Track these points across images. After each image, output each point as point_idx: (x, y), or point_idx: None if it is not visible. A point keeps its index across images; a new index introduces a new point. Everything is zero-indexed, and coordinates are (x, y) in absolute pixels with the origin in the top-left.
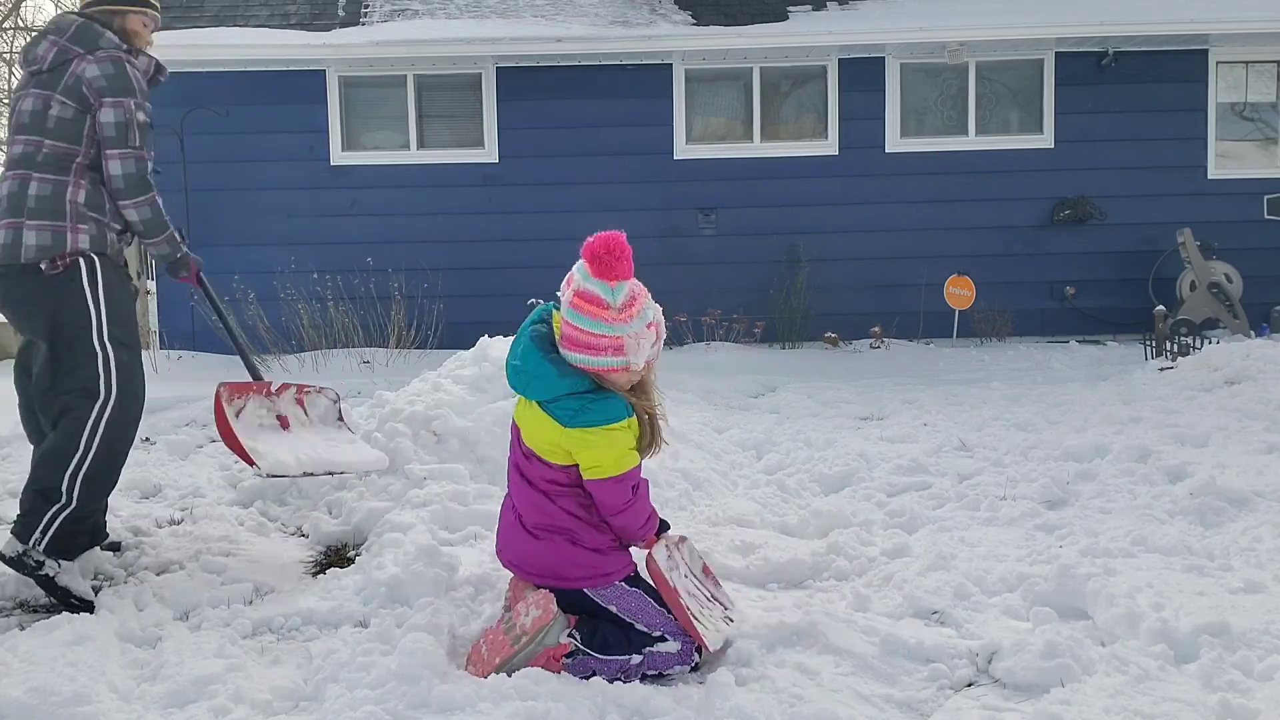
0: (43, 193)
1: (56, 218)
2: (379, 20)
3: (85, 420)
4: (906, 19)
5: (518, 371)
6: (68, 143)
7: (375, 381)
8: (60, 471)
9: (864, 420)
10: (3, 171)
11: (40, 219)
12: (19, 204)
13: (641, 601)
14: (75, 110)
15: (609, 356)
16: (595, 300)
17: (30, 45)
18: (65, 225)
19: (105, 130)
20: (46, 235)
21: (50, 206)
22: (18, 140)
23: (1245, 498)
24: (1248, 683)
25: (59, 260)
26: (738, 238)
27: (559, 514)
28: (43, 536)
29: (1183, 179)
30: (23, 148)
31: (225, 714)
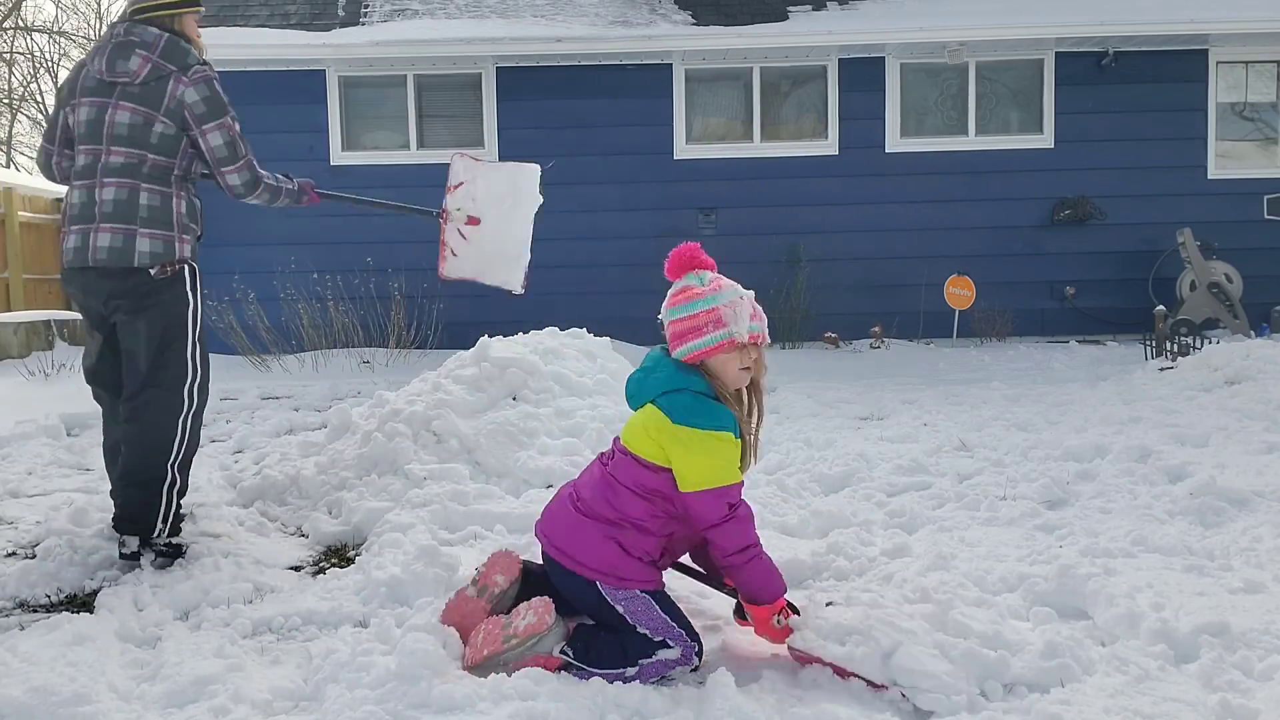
0: (153, 203)
1: (166, 228)
2: (379, 20)
3: (181, 408)
4: (906, 19)
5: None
6: (168, 157)
7: (375, 381)
8: (165, 458)
9: (864, 420)
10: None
11: (153, 228)
12: (129, 212)
13: (649, 609)
14: (176, 129)
15: (711, 333)
16: (684, 289)
17: (113, 57)
18: (174, 235)
19: (217, 153)
20: (159, 243)
21: (161, 217)
22: (116, 152)
23: (1245, 498)
24: (1248, 683)
25: (168, 266)
26: (738, 238)
27: (617, 509)
28: (165, 525)
29: (1183, 179)
30: (124, 159)
31: (225, 714)
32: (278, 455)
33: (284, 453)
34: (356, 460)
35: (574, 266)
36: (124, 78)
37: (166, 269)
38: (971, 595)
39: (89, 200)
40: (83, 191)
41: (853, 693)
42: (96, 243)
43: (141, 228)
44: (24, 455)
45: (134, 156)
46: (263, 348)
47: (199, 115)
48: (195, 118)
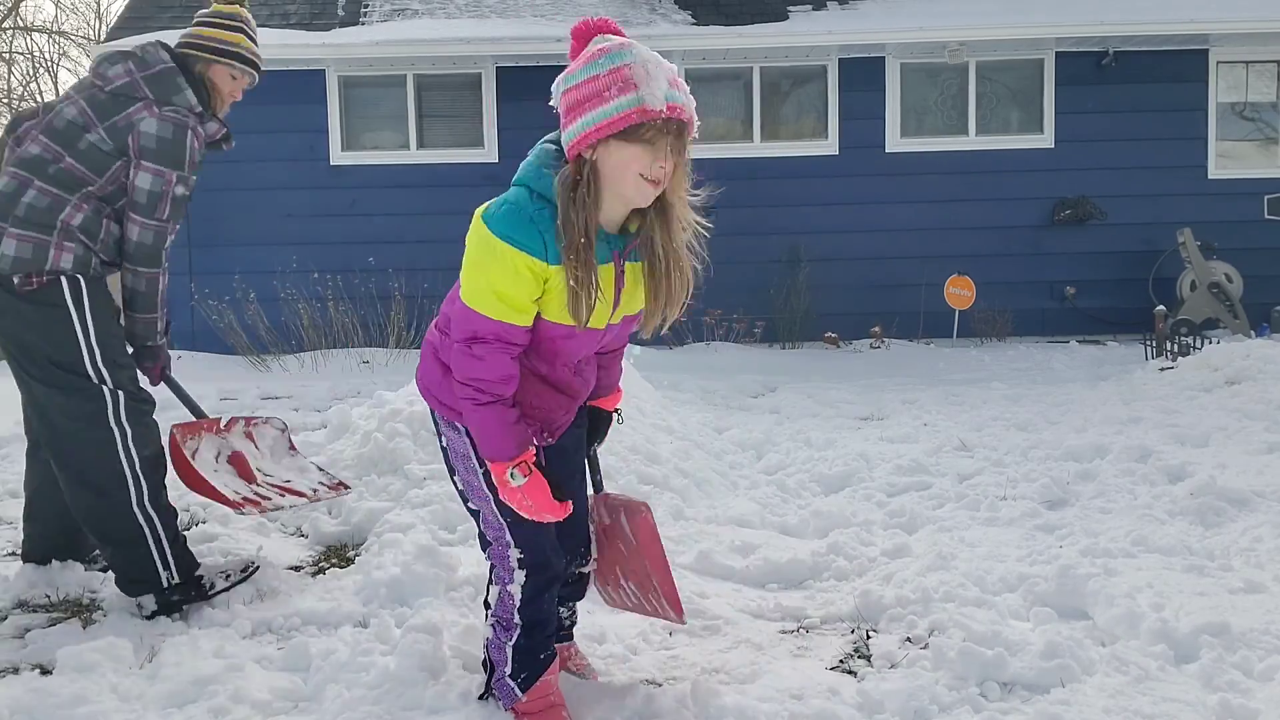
0: (38, 203)
1: (43, 231)
2: (379, 20)
3: (114, 442)
4: (906, 19)
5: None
6: (89, 170)
7: (375, 381)
8: (126, 510)
9: (864, 420)
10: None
11: (24, 229)
12: (6, 207)
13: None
14: (112, 149)
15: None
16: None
17: (107, 59)
18: (49, 240)
19: (137, 195)
20: (28, 247)
21: (40, 219)
22: (39, 140)
23: (1245, 498)
24: (1248, 683)
25: (34, 278)
26: (738, 238)
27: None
28: (171, 571)
29: (1183, 179)
30: (40, 151)
31: (225, 714)
32: None
33: None
34: (356, 460)
35: None
36: (100, 80)
37: (32, 280)
38: (971, 595)
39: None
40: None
41: (853, 693)
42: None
43: (12, 227)
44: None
45: (50, 152)
46: (262, 348)
47: (143, 149)
48: (138, 149)
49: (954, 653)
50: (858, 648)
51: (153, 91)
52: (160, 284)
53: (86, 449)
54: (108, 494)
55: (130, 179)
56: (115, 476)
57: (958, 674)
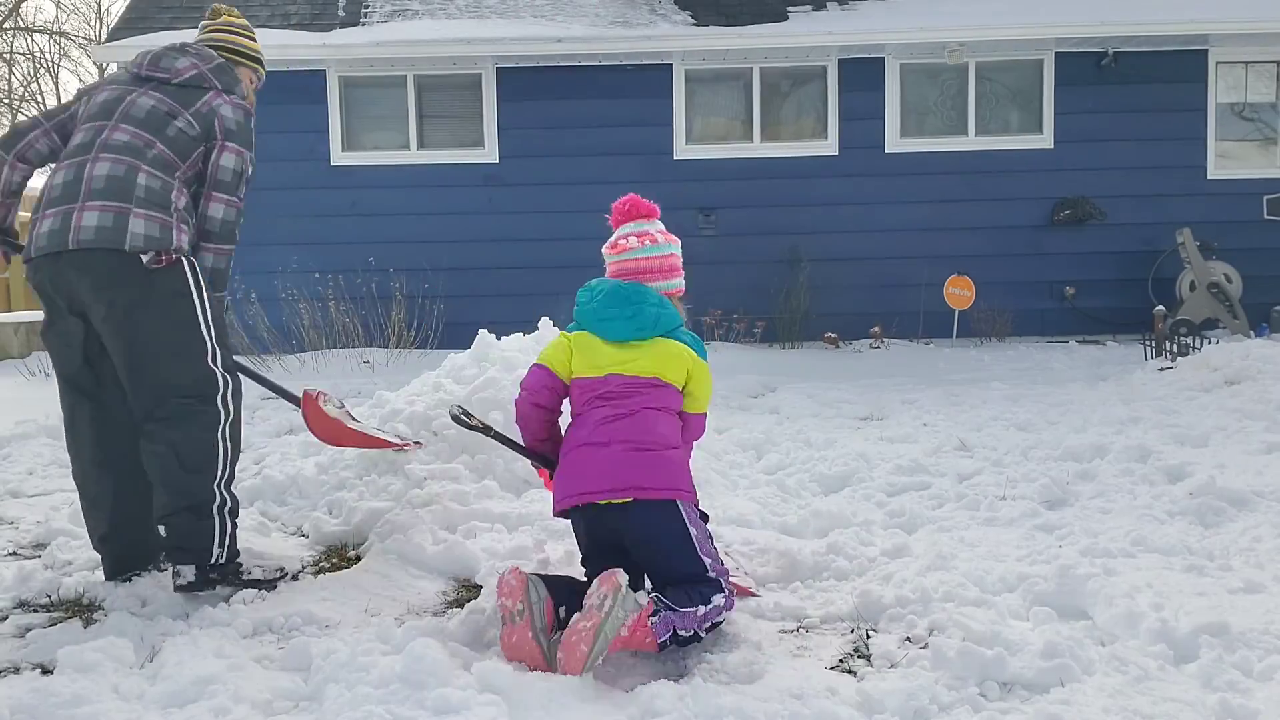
0: (152, 185)
1: (164, 211)
2: (379, 20)
3: (218, 421)
4: (906, 19)
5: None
6: (177, 154)
7: (375, 381)
8: (210, 478)
9: (864, 420)
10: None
11: (149, 209)
12: (124, 190)
13: (707, 536)
14: (199, 134)
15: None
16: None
17: (161, 54)
18: (171, 221)
19: (221, 173)
20: (156, 225)
21: (159, 200)
22: (123, 129)
23: (1245, 498)
24: (1247, 683)
25: (163, 255)
26: (738, 238)
27: (671, 433)
28: (223, 550)
29: (1183, 179)
30: (129, 138)
31: (225, 714)
32: (278, 455)
33: (284, 453)
34: (356, 460)
35: (573, 267)
36: (163, 73)
37: (161, 258)
38: (971, 595)
39: (75, 178)
40: (70, 169)
41: (853, 693)
42: (80, 222)
43: (136, 207)
44: (24, 455)
45: (141, 139)
46: (263, 348)
47: (228, 130)
48: (224, 130)
49: (953, 652)
50: (857, 648)
51: (220, 82)
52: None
53: (192, 425)
54: (200, 470)
55: (214, 160)
56: (210, 455)
57: (957, 674)
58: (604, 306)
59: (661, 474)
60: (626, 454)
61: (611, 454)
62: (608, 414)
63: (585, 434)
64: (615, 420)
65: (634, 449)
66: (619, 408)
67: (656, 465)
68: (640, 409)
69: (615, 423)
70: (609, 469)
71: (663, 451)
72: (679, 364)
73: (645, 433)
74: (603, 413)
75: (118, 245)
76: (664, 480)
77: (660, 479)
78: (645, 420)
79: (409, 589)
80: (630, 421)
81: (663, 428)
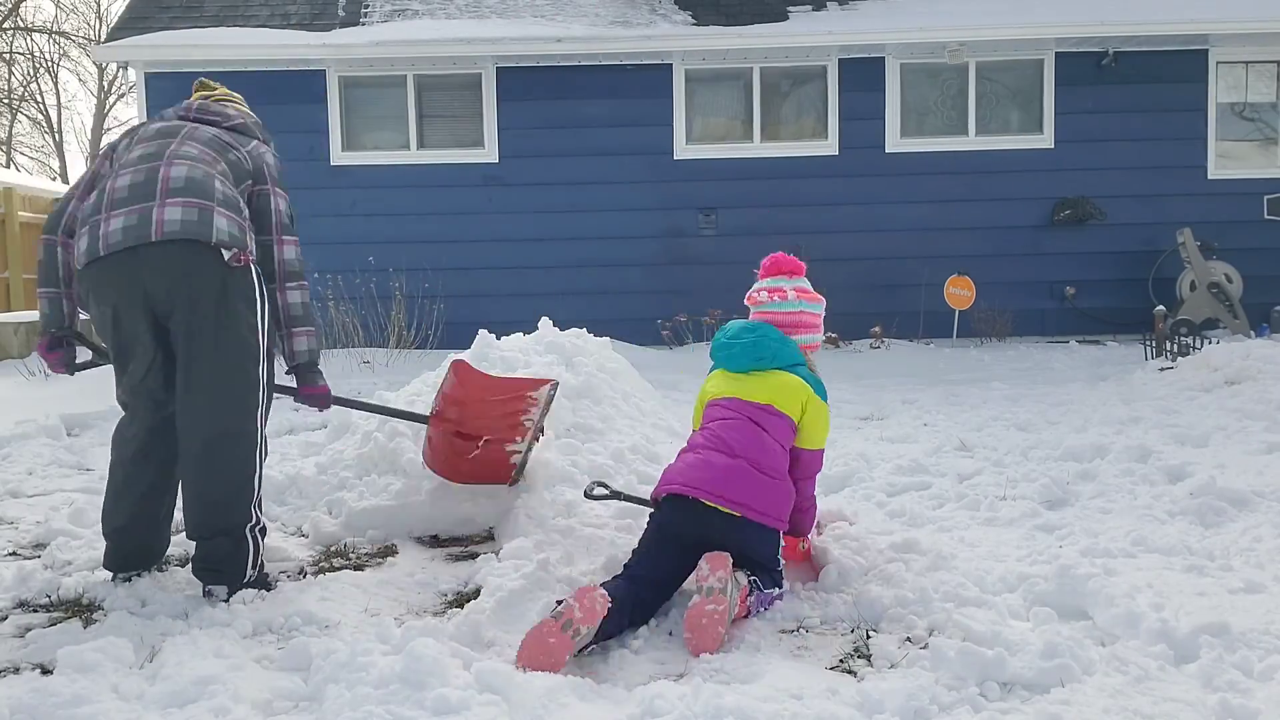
0: (227, 192)
1: (240, 216)
2: (379, 20)
3: (254, 441)
4: (906, 19)
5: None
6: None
7: (375, 381)
8: (248, 499)
9: (864, 420)
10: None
11: (228, 210)
12: (204, 190)
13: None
14: (250, 170)
15: (810, 334)
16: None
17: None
18: (245, 225)
19: (282, 217)
20: (236, 225)
21: (234, 205)
22: (191, 144)
23: (1245, 498)
24: (1248, 683)
25: (243, 255)
26: (738, 238)
27: (784, 465)
28: (255, 570)
29: (1183, 179)
30: (199, 152)
31: (225, 714)
32: (278, 455)
33: (284, 453)
34: (356, 460)
35: (574, 267)
36: (215, 116)
37: (241, 258)
38: (971, 595)
39: (148, 180)
40: (137, 174)
41: (853, 693)
42: (163, 216)
43: (219, 206)
44: (24, 455)
45: (208, 155)
46: None
47: (275, 177)
48: (272, 177)
49: (953, 653)
50: (857, 648)
51: (260, 134)
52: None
53: (236, 442)
54: (238, 488)
55: (271, 205)
56: (248, 473)
57: (957, 674)
58: (729, 340)
59: (773, 502)
60: (741, 471)
61: (736, 467)
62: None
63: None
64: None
65: (751, 469)
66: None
67: (770, 493)
68: (763, 431)
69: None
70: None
71: (778, 479)
72: (794, 395)
73: (763, 455)
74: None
75: (204, 237)
76: (772, 508)
77: (769, 505)
78: (762, 444)
79: (409, 589)
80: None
81: (777, 456)
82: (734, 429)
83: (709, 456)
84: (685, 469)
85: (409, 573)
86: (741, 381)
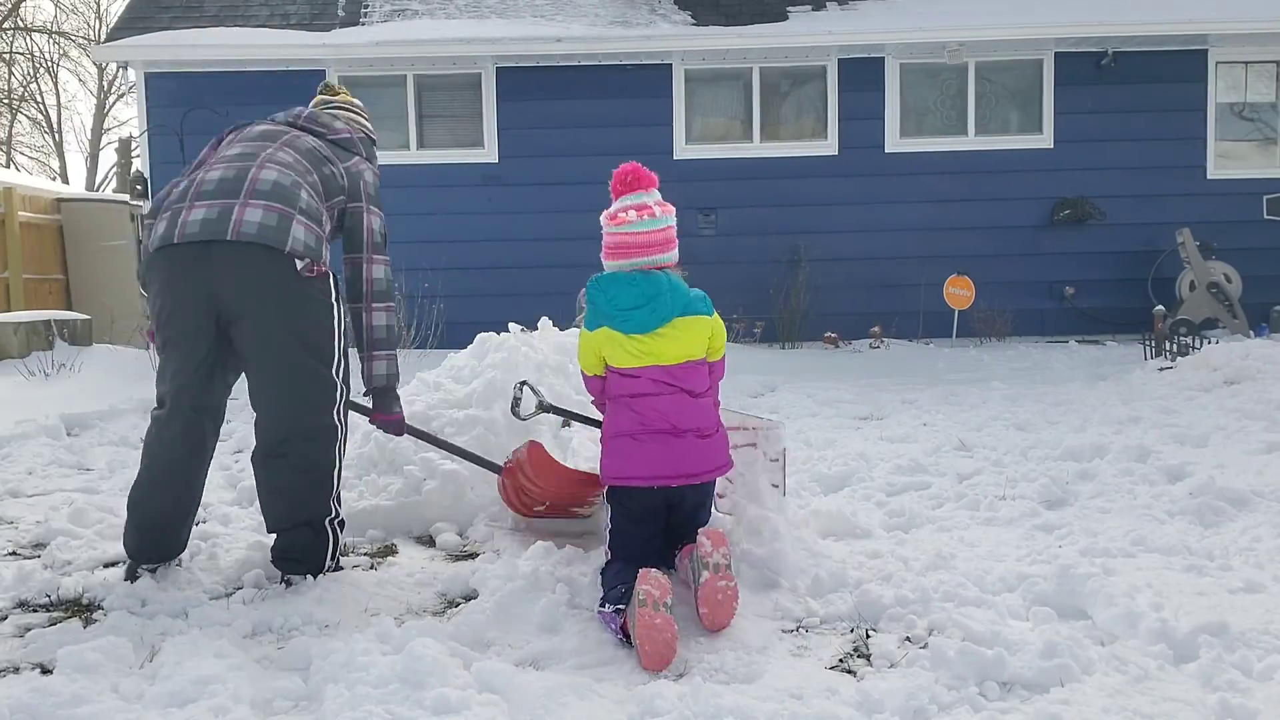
0: (312, 204)
1: (320, 228)
2: (379, 20)
3: (335, 443)
4: (906, 19)
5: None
6: (325, 193)
7: None
8: (328, 495)
9: (864, 420)
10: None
11: (309, 220)
12: (289, 196)
13: None
14: (344, 187)
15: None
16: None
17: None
18: (324, 238)
19: (374, 236)
20: (314, 237)
21: (316, 216)
22: (288, 151)
23: (1245, 498)
24: (1247, 682)
25: (316, 265)
26: (738, 238)
27: (715, 411)
28: (333, 560)
29: (1182, 179)
30: (294, 160)
31: (225, 714)
32: None
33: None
34: (356, 460)
35: (573, 266)
36: (320, 127)
37: (313, 268)
38: (971, 595)
39: (237, 176)
40: (228, 169)
41: (853, 693)
42: (243, 216)
43: (300, 215)
44: (24, 455)
45: (302, 165)
46: None
47: (371, 195)
48: (368, 195)
49: (953, 652)
50: (857, 647)
51: (364, 150)
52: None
53: (316, 437)
54: (319, 482)
55: (364, 223)
56: (329, 467)
57: (957, 673)
58: (622, 305)
59: (722, 453)
60: (696, 442)
61: (687, 444)
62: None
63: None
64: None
65: (699, 436)
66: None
67: (720, 447)
68: (692, 393)
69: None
70: (685, 457)
71: (717, 433)
72: (698, 335)
73: (700, 416)
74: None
75: (280, 244)
76: (725, 460)
77: (723, 458)
78: (699, 403)
79: (409, 589)
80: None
81: (711, 408)
82: (669, 405)
83: (662, 441)
84: (645, 461)
85: (409, 573)
86: (648, 343)
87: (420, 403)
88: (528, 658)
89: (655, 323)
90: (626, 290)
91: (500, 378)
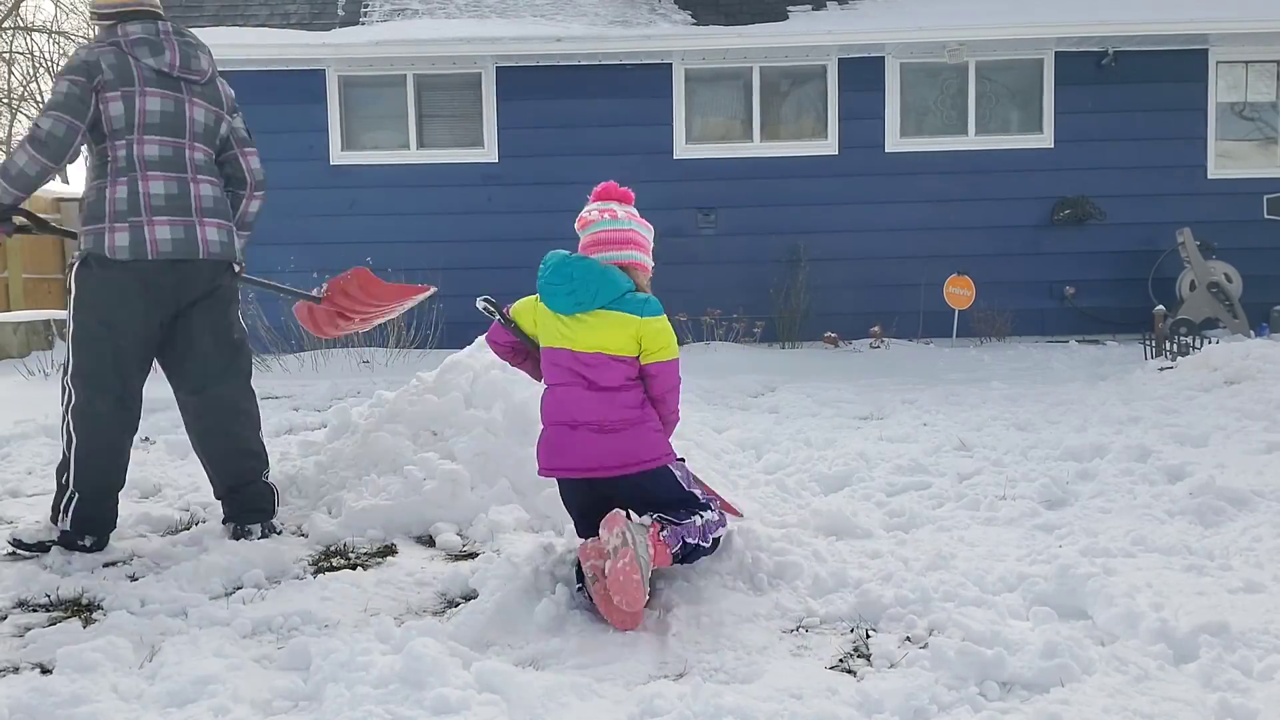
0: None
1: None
2: (379, 20)
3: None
4: (906, 19)
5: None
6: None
7: (375, 381)
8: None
9: (863, 420)
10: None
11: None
12: (225, 210)
13: (690, 475)
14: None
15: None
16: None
17: (186, 55)
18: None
19: (240, 133)
20: (239, 241)
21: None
22: (199, 148)
23: (1245, 497)
24: (1247, 682)
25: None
26: (738, 238)
27: (631, 407)
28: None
29: (1183, 179)
30: (205, 157)
31: (225, 714)
32: (277, 455)
33: (284, 452)
34: (356, 460)
35: None
36: (195, 76)
37: (235, 266)
38: (971, 595)
39: (183, 193)
40: (171, 183)
41: (853, 692)
42: (206, 236)
43: (235, 226)
44: (24, 455)
45: (208, 154)
46: (263, 347)
47: (233, 101)
48: (231, 108)
49: (953, 652)
50: (857, 647)
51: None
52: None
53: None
54: (262, 440)
55: (237, 126)
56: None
57: (957, 673)
58: (550, 279)
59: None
60: (588, 434)
61: (581, 437)
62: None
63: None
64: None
65: (596, 430)
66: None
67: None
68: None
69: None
70: (582, 449)
71: (632, 427)
72: (620, 332)
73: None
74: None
75: (232, 258)
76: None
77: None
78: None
79: (409, 589)
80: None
81: (624, 398)
82: (567, 396)
83: (561, 434)
84: (549, 453)
85: (408, 573)
86: (568, 326)
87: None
88: (527, 658)
89: (571, 306)
90: (558, 269)
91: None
